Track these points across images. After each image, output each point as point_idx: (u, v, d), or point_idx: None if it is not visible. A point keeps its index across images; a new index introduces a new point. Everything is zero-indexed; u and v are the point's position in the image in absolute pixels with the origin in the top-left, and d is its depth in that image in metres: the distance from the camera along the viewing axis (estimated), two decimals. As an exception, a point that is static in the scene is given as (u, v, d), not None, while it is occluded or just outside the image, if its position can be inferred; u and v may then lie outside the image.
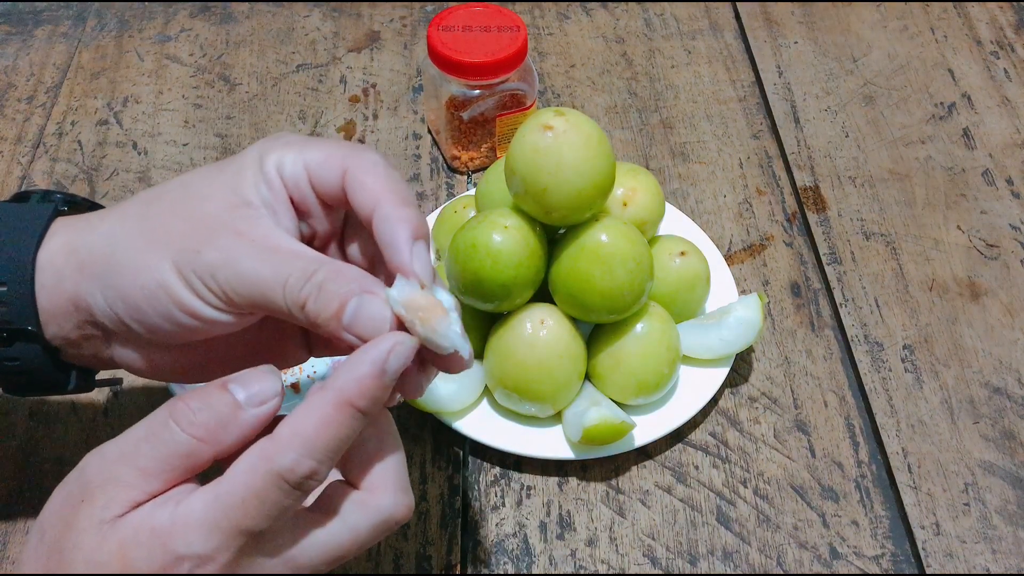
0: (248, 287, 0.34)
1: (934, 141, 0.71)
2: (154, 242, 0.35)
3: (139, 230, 0.36)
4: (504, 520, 0.51)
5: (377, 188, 0.36)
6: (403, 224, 0.35)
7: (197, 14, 0.81)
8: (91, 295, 0.36)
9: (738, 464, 0.53)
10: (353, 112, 0.73)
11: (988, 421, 0.55)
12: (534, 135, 0.48)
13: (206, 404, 0.32)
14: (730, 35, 0.79)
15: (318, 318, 0.33)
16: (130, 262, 0.35)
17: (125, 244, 0.36)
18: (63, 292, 0.37)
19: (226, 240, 0.34)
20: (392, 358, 0.32)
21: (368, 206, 0.35)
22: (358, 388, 0.32)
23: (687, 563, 0.49)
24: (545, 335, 0.51)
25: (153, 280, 0.35)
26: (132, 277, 0.35)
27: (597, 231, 0.50)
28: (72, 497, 0.32)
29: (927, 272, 0.62)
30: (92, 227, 0.37)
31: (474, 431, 0.52)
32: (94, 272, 0.36)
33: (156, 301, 0.35)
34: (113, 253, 0.36)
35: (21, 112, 0.73)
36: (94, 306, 0.36)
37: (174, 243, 0.35)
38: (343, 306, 0.33)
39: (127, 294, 0.35)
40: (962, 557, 0.50)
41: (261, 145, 0.37)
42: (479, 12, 0.64)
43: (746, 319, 0.54)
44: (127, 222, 0.37)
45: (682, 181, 0.68)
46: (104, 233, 0.37)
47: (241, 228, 0.35)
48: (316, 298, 0.33)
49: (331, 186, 0.37)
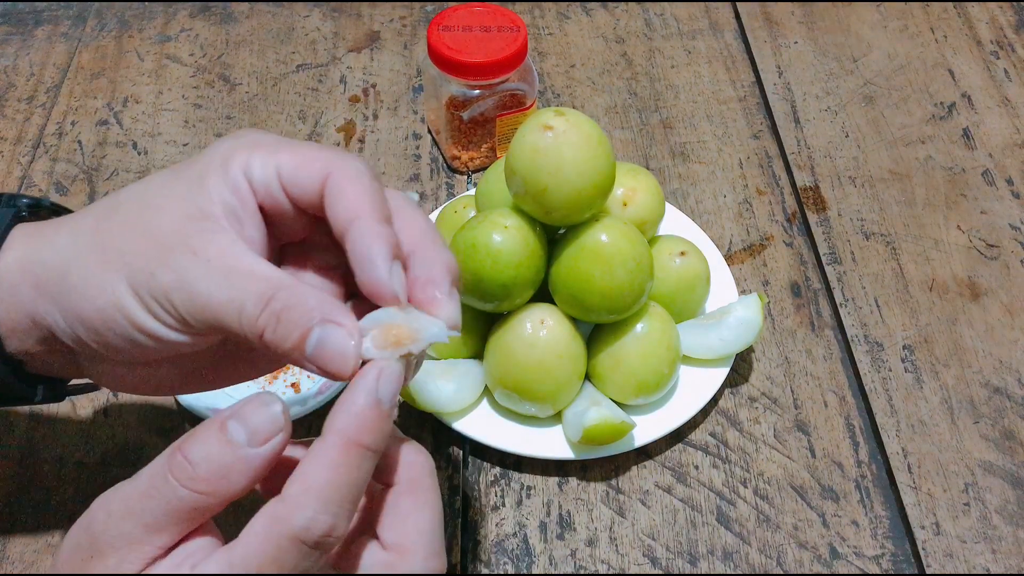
0: (203, 311, 0.32)
1: (934, 141, 0.71)
2: (108, 261, 0.33)
3: (93, 247, 0.34)
4: (504, 520, 0.51)
5: (356, 200, 0.33)
6: (379, 241, 0.32)
7: (197, 14, 0.81)
8: (50, 314, 0.35)
9: (738, 464, 0.53)
10: (353, 112, 0.73)
11: (988, 421, 0.55)
12: (534, 135, 0.48)
13: (205, 455, 0.30)
14: (730, 35, 0.79)
15: (279, 348, 0.32)
16: (85, 283, 0.34)
17: (79, 263, 0.34)
18: (21, 308, 0.35)
19: (181, 259, 0.32)
20: (382, 385, 0.31)
21: (345, 218, 0.33)
22: (358, 424, 0.30)
23: (687, 563, 0.49)
24: (545, 335, 0.51)
25: (108, 302, 0.33)
26: (88, 299, 0.34)
27: (597, 231, 0.50)
28: (81, 550, 0.31)
29: (927, 272, 0.62)
30: (47, 240, 0.36)
31: (474, 431, 0.52)
32: (50, 292, 0.34)
33: (113, 323, 0.33)
34: (68, 273, 0.34)
35: (21, 112, 0.73)
36: (54, 326, 0.35)
37: (129, 262, 0.33)
38: (304, 337, 0.31)
39: (84, 316, 0.34)
40: (962, 557, 0.50)
41: (225, 146, 0.35)
42: (479, 12, 0.64)
43: (746, 319, 0.54)
44: (81, 237, 0.35)
45: (682, 181, 0.68)
46: (59, 249, 0.35)
47: (196, 245, 0.33)
48: (275, 328, 0.31)
49: (308, 192, 0.34)
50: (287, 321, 0.31)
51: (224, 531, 0.32)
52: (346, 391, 0.31)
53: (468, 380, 0.53)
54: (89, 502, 0.31)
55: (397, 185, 0.68)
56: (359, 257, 0.32)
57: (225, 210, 0.34)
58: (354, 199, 0.33)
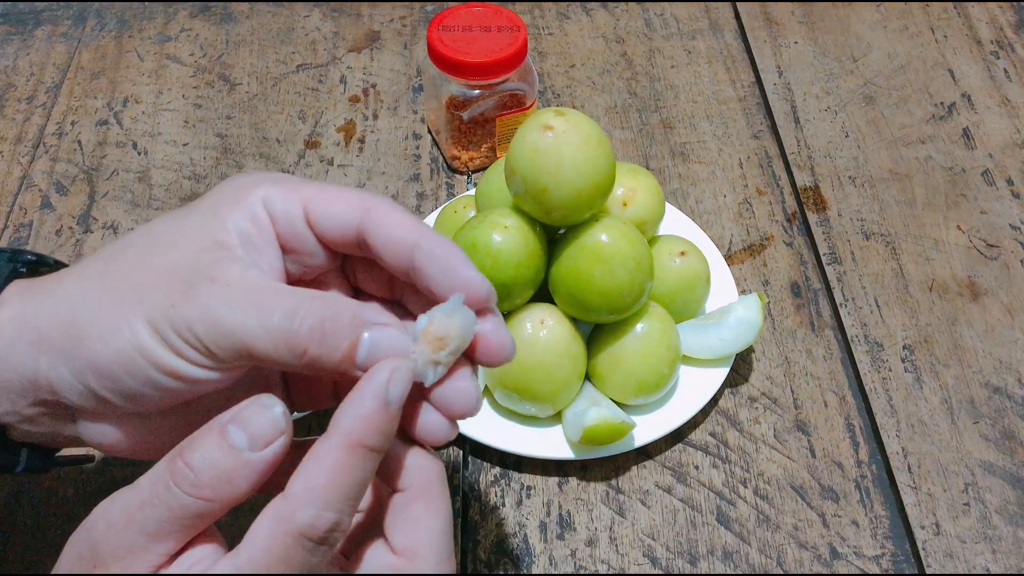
0: (231, 337, 0.31)
1: (934, 141, 0.71)
2: (122, 301, 0.32)
3: (102, 289, 0.32)
4: (504, 520, 0.51)
5: (413, 225, 0.34)
6: (456, 249, 0.33)
7: (197, 14, 0.81)
8: (54, 370, 0.32)
9: (738, 464, 0.53)
10: (353, 112, 0.73)
11: (988, 421, 0.55)
12: (534, 135, 0.48)
13: (207, 461, 0.29)
14: (730, 35, 0.79)
15: (327, 364, 0.31)
16: (97, 327, 0.32)
17: (88, 307, 0.32)
18: (16, 368, 0.33)
19: (201, 289, 0.31)
20: (392, 387, 0.30)
21: (407, 239, 0.33)
22: (364, 426, 0.30)
23: (687, 563, 0.49)
24: (545, 335, 0.51)
25: (127, 343, 0.31)
26: (102, 343, 0.32)
27: (597, 231, 0.50)
28: (82, 561, 0.30)
29: (927, 272, 0.62)
30: (47, 293, 0.33)
31: (474, 431, 0.52)
32: (55, 345, 0.32)
33: (133, 366, 0.31)
34: (75, 320, 0.32)
35: (21, 112, 0.73)
36: (58, 382, 0.32)
37: (144, 299, 0.31)
38: (354, 345, 0.31)
39: (98, 363, 0.32)
40: (962, 557, 0.50)
41: (239, 181, 0.35)
42: (479, 12, 0.64)
43: (746, 319, 0.54)
44: (87, 283, 0.33)
45: (682, 181, 0.68)
46: (62, 298, 0.33)
47: (215, 273, 0.32)
48: (320, 342, 0.31)
49: (343, 227, 0.34)
50: (332, 333, 0.31)
51: (226, 531, 0.32)
52: (356, 389, 0.31)
53: (468, 380, 0.53)
54: (89, 502, 0.31)
55: (397, 186, 0.68)
56: (442, 267, 0.33)
57: (241, 239, 0.33)
58: (408, 225, 0.34)
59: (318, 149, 0.70)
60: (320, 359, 0.31)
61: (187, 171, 0.68)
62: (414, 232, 0.33)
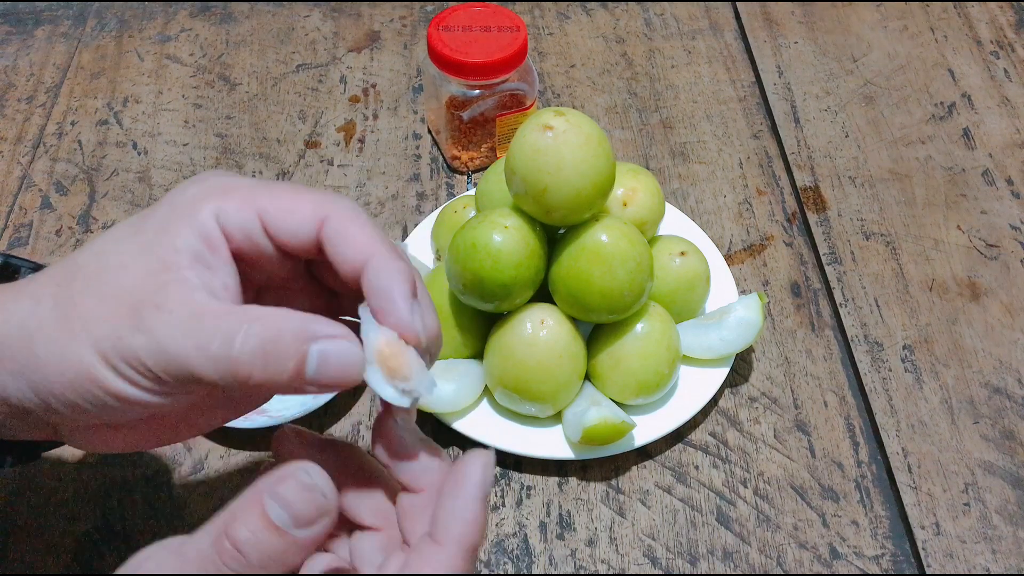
0: (176, 366, 0.30)
1: (934, 141, 0.71)
2: (72, 332, 0.32)
3: (55, 317, 0.32)
4: (504, 520, 0.51)
5: (366, 240, 0.33)
6: (400, 278, 0.32)
7: (197, 14, 0.81)
8: (15, 388, 0.32)
9: (738, 464, 0.53)
10: (353, 112, 0.73)
11: (988, 421, 0.55)
12: (534, 135, 0.48)
13: (254, 541, 0.29)
14: (730, 35, 0.79)
15: (275, 384, 0.30)
16: (51, 356, 0.32)
17: (43, 335, 0.32)
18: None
19: (147, 318, 0.31)
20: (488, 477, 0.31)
21: (357, 259, 0.32)
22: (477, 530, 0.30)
23: (687, 563, 0.49)
24: (545, 335, 0.51)
25: (79, 374, 0.31)
26: (56, 372, 0.32)
27: (597, 231, 0.50)
28: None
29: (927, 272, 0.62)
30: (4, 310, 0.33)
31: (474, 431, 0.52)
32: (14, 368, 0.32)
33: (88, 394, 0.31)
34: (31, 346, 0.32)
35: (21, 112, 0.73)
36: (22, 399, 0.33)
37: (93, 330, 0.31)
38: (301, 362, 0.30)
39: (54, 388, 0.32)
40: (962, 557, 0.50)
41: (190, 192, 0.33)
42: (479, 12, 0.64)
43: (746, 319, 0.54)
44: (41, 307, 0.33)
45: (682, 181, 0.68)
46: (18, 321, 0.33)
47: (160, 300, 0.31)
48: (264, 367, 0.30)
49: (300, 236, 0.33)
50: (275, 355, 0.30)
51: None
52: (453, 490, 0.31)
53: (468, 380, 0.53)
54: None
55: (397, 185, 0.68)
56: (380, 295, 0.32)
57: (192, 258, 0.32)
58: (363, 239, 0.33)
59: (318, 149, 0.70)
60: (268, 382, 0.30)
61: (187, 171, 0.68)
62: (365, 250, 0.32)
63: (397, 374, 0.31)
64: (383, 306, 0.32)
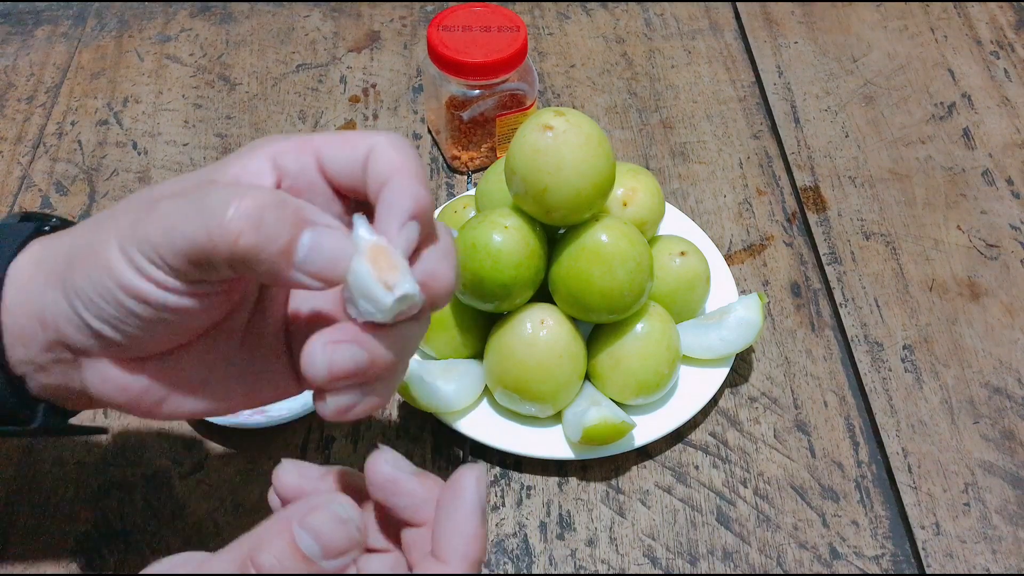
0: (175, 239, 0.30)
1: (934, 141, 0.71)
2: (102, 229, 0.32)
3: (93, 223, 0.34)
4: (504, 520, 0.51)
5: (399, 160, 0.32)
6: (409, 200, 0.31)
7: (197, 14, 0.81)
8: (55, 303, 0.33)
9: (738, 464, 0.53)
10: (353, 112, 0.73)
11: (988, 421, 0.55)
12: (534, 135, 0.48)
13: (280, 568, 0.29)
14: (730, 35, 0.79)
15: (264, 257, 0.29)
16: (81, 255, 0.33)
17: (79, 239, 0.33)
18: (29, 308, 0.34)
19: (163, 204, 0.31)
20: (483, 490, 0.31)
21: (384, 174, 0.32)
22: (481, 545, 0.31)
23: (687, 563, 0.49)
24: (545, 335, 0.51)
25: (99, 267, 0.32)
26: (82, 270, 0.32)
27: (597, 231, 0.50)
28: None
29: (927, 272, 0.62)
30: (59, 236, 0.35)
31: (474, 431, 0.52)
32: (56, 278, 0.33)
33: (104, 290, 0.32)
34: (69, 253, 0.33)
35: (21, 112, 0.73)
36: (59, 316, 0.33)
37: (120, 226, 0.32)
38: (294, 240, 0.29)
39: (79, 289, 0.32)
40: (962, 557, 0.50)
41: (249, 144, 0.35)
42: (479, 12, 0.64)
43: (746, 319, 0.54)
44: (88, 222, 0.35)
45: (682, 181, 0.68)
46: (66, 237, 0.34)
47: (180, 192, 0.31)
48: (257, 230, 0.29)
49: (351, 168, 0.33)
50: (272, 222, 0.29)
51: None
52: (450, 507, 0.31)
53: (468, 380, 0.53)
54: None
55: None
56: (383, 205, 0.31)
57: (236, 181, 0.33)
58: (396, 158, 0.32)
59: (318, 149, 0.70)
60: (256, 249, 0.29)
61: (187, 171, 0.68)
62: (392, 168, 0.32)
63: (384, 272, 0.30)
64: (381, 215, 0.31)
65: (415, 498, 0.33)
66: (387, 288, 0.30)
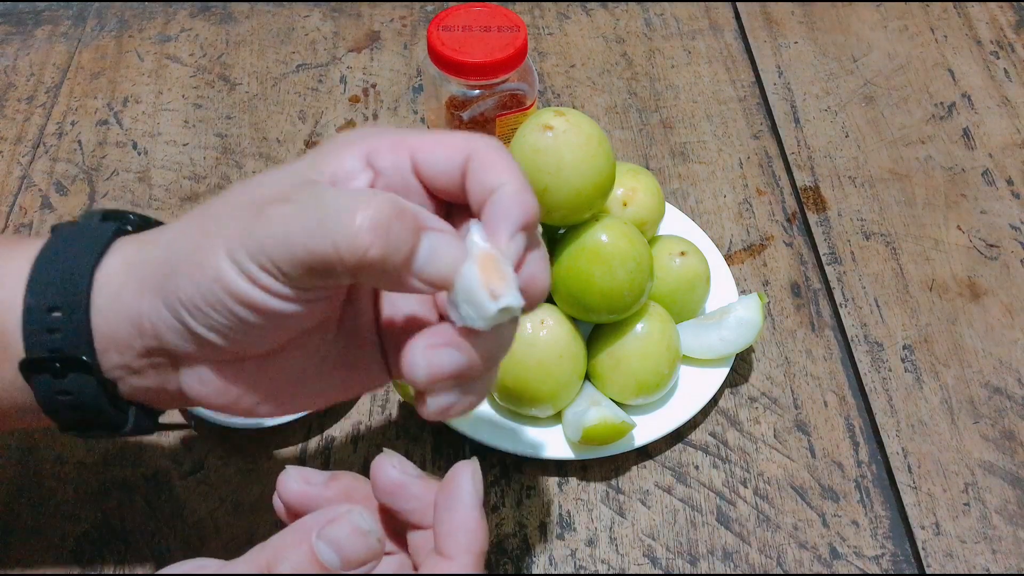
0: (296, 247, 0.30)
1: (934, 141, 0.71)
2: (207, 236, 0.32)
3: (194, 229, 0.33)
4: (504, 520, 0.51)
5: (505, 168, 0.32)
6: (519, 209, 0.31)
7: (197, 14, 0.81)
8: (154, 310, 0.33)
9: (738, 464, 0.53)
10: (353, 112, 0.73)
11: (988, 421, 0.55)
12: (534, 135, 0.48)
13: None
14: (730, 35, 0.79)
15: (386, 264, 0.29)
16: (184, 262, 0.32)
17: (180, 246, 0.33)
18: (123, 314, 0.33)
19: (273, 209, 0.30)
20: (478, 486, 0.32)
21: (492, 183, 0.32)
22: (483, 536, 0.31)
23: (687, 563, 0.49)
24: (545, 335, 0.51)
25: (206, 275, 0.31)
26: (187, 277, 0.32)
27: (597, 231, 0.50)
28: None
29: (927, 272, 0.62)
30: (152, 240, 0.35)
31: (474, 431, 0.52)
32: (155, 285, 0.33)
33: (213, 297, 0.31)
34: (169, 258, 0.33)
35: (21, 112, 0.73)
36: (158, 323, 0.33)
37: (226, 229, 0.31)
38: (415, 247, 0.30)
39: (184, 297, 0.32)
40: (962, 557, 0.50)
41: (341, 138, 0.34)
42: (479, 12, 0.64)
43: (746, 319, 0.54)
44: (186, 225, 0.34)
45: (682, 181, 0.68)
46: (163, 242, 0.34)
47: (288, 196, 0.31)
48: (385, 242, 0.29)
49: (448, 172, 0.33)
50: (398, 231, 0.29)
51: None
52: (449, 504, 0.31)
53: (468, 380, 0.53)
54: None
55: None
56: (493, 214, 0.31)
57: (331, 181, 0.33)
58: (503, 167, 0.32)
59: (318, 149, 0.70)
60: (383, 259, 0.29)
61: (187, 171, 0.68)
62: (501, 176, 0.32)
63: (492, 281, 0.30)
64: (489, 223, 0.31)
65: (421, 502, 0.33)
66: (493, 297, 0.30)
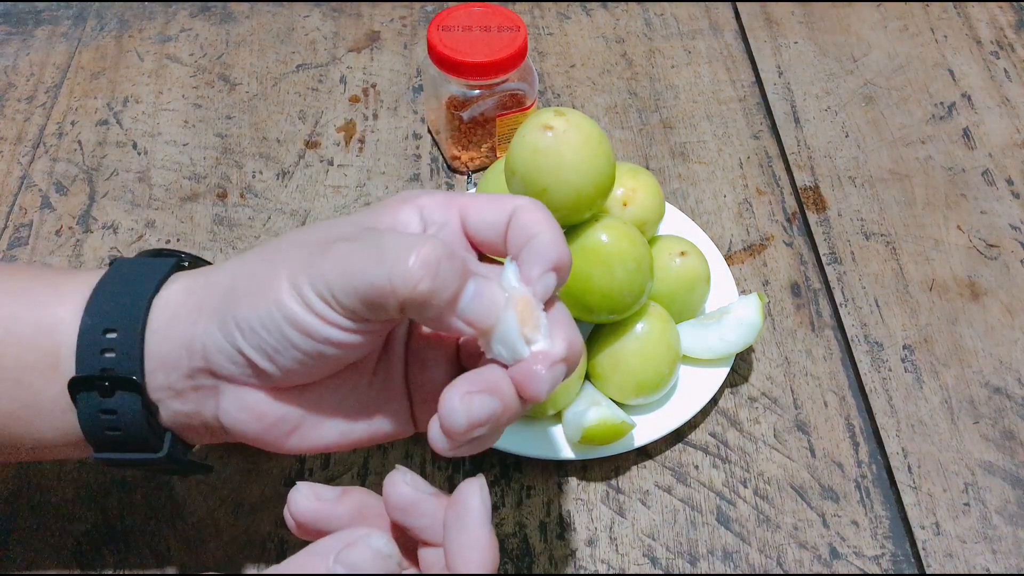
0: (353, 280, 0.32)
1: (934, 141, 0.71)
2: (271, 264, 0.34)
3: (257, 259, 0.35)
4: (504, 520, 0.51)
5: (544, 221, 0.35)
6: (552, 253, 0.34)
7: (197, 14, 0.81)
8: (207, 333, 0.35)
9: (738, 464, 0.53)
10: (353, 112, 0.73)
11: (988, 421, 0.55)
12: (534, 135, 0.48)
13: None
14: (730, 35, 0.79)
15: (433, 300, 0.31)
16: (247, 288, 0.34)
17: (243, 272, 0.35)
18: (176, 335, 0.36)
19: (339, 245, 0.33)
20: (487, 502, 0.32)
21: (530, 233, 0.35)
22: (494, 556, 0.32)
23: (687, 563, 0.49)
24: (545, 335, 0.51)
25: (268, 300, 0.33)
26: (250, 305, 0.34)
27: (597, 231, 0.50)
28: None
29: (927, 272, 0.62)
30: (213, 269, 0.37)
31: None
32: (212, 308, 0.35)
33: (271, 321, 0.33)
34: (233, 286, 0.35)
35: (21, 112, 0.73)
36: (209, 344, 0.35)
37: (291, 262, 0.34)
38: (460, 288, 0.32)
39: (241, 320, 0.34)
40: (962, 557, 0.50)
41: (399, 196, 0.37)
42: (479, 12, 0.64)
43: (746, 319, 0.54)
44: (246, 257, 0.36)
45: (682, 181, 0.68)
46: (225, 271, 0.36)
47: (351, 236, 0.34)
48: (435, 278, 0.31)
49: (494, 228, 0.36)
50: (447, 271, 0.32)
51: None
52: (458, 522, 0.32)
53: (468, 380, 0.53)
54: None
55: (397, 185, 0.68)
56: (529, 258, 0.34)
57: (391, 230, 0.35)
58: (543, 221, 0.35)
59: (318, 149, 0.70)
60: (431, 295, 0.31)
61: (187, 171, 0.68)
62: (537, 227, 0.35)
63: (528, 324, 0.33)
64: (525, 262, 0.34)
65: (434, 519, 0.34)
66: (527, 342, 0.33)
